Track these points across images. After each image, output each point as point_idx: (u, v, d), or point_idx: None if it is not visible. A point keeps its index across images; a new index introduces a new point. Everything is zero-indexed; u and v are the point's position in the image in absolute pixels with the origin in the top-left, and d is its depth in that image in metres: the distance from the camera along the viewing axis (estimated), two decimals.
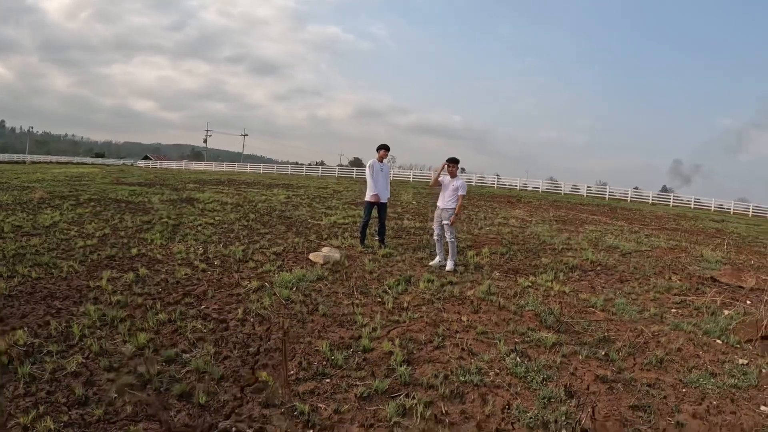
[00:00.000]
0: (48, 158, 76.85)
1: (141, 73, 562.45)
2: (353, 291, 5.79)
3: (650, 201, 39.08)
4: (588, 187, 43.03)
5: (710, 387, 3.96)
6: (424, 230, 10.91)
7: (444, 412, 3.25)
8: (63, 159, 77.89)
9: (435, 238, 7.53)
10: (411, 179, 43.67)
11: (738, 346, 4.96)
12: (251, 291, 5.62)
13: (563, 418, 3.24)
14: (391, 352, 4.08)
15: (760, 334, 5.09)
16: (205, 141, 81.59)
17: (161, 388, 3.43)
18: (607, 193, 41.54)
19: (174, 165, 67.90)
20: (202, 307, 5.06)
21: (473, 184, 43.78)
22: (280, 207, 13.54)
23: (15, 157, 72.63)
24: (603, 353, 4.43)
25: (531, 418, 3.24)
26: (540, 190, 41.37)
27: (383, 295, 5.69)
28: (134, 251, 7.18)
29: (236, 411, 3.19)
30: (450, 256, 7.22)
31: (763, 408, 3.72)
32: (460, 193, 7.21)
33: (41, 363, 3.68)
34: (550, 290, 6.44)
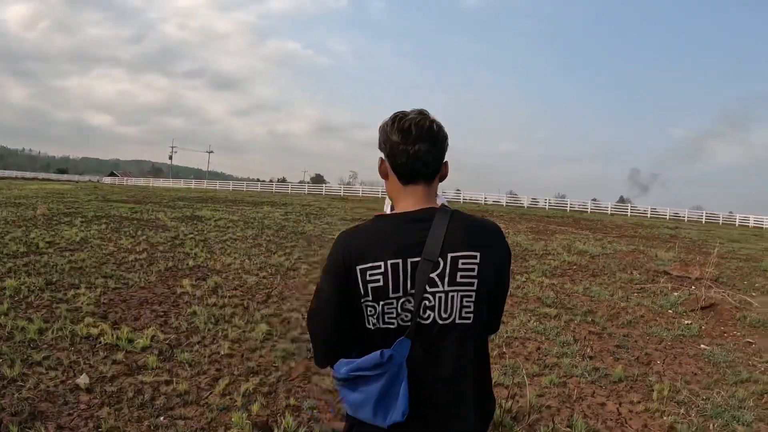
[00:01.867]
0: (12, 173, 72.70)
1: (99, 86, 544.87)
2: None
3: (609, 212, 41.31)
4: (547, 200, 44.89)
5: (665, 335, 5.83)
6: None
7: (503, 352, 4.97)
8: (28, 175, 73.70)
9: None
10: (380, 194, 43.91)
11: (684, 314, 6.89)
12: None
13: (575, 351, 5.02)
14: None
15: (699, 306, 7.05)
16: (171, 157, 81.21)
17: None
18: (568, 206, 43.18)
19: (141, 181, 66.39)
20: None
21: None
22: (286, 224, 14.96)
23: None
24: (590, 319, 6.27)
25: (555, 352, 4.99)
26: (503, 203, 43.52)
27: None
28: (190, 263, 7.85)
29: None
30: None
31: (702, 346, 5.60)
32: None
33: (191, 351, 4.39)
34: (543, 283, 8.26)
